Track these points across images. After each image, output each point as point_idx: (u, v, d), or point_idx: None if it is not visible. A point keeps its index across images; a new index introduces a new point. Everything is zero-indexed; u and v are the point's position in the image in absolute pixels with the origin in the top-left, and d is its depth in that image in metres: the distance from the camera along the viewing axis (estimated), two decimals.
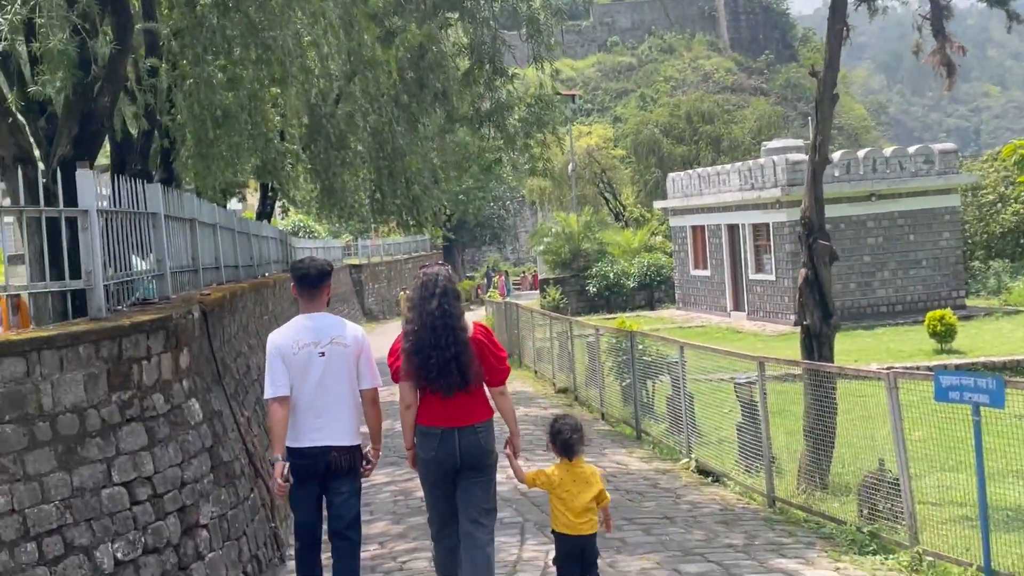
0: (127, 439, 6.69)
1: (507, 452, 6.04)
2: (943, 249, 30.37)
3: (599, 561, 6.10)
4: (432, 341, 5.85)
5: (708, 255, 34.68)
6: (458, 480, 5.94)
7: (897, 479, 8.29)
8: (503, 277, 57.66)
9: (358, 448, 6.17)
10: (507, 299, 37.83)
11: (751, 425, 10.98)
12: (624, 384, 14.88)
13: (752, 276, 31.70)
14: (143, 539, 6.54)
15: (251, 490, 8.37)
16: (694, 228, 35.87)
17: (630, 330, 14.18)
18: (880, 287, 30.18)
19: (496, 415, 6.04)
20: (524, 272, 57.24)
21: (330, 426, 6.12)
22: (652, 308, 39.29)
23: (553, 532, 6.02)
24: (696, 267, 35.78)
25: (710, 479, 10.82)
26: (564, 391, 18.15)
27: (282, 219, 52.29)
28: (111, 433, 6.56)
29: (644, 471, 11.21)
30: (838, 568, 7.27)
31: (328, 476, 6.16)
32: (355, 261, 45.46)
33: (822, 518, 8.73)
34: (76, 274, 7.24)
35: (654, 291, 40.41)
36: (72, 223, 7.22)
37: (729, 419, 11.45)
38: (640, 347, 13.78)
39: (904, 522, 7.73)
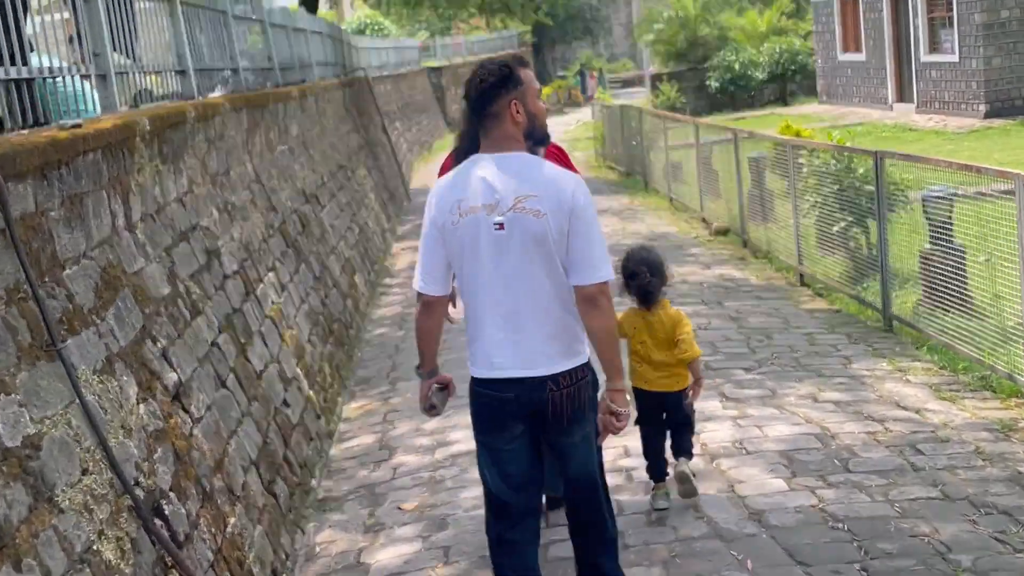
0: None
1: None
2: None
3: None
4: None
5: (863, 33, 28.03)
6: None
7: None
8: (595, 76, 51.08)
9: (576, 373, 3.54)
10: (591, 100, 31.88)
11: None
12: (836, 229, 9.53)
13: (925, 58, 25.23)
14: None
15: None
16: (843, 1, 29.17)
17: (873, 150, 8.58)
18: None
19: None
20: (652, 65, 50.08)
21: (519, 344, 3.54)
22: (785, 104, 33.04)
23: (634, 389, 5.07)
24: (846, 50, 29.22)
25: None
26: (724, 232, 12.75)
27: (348, 14, 46.42)
28: None
29: (958, 425, 5.87)
30: None
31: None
32: (433, 63, 39.59)
33: None
34: None
35: (787, 83, 34.00)
36: None
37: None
38: (890, 179, 8.24)
39: None
